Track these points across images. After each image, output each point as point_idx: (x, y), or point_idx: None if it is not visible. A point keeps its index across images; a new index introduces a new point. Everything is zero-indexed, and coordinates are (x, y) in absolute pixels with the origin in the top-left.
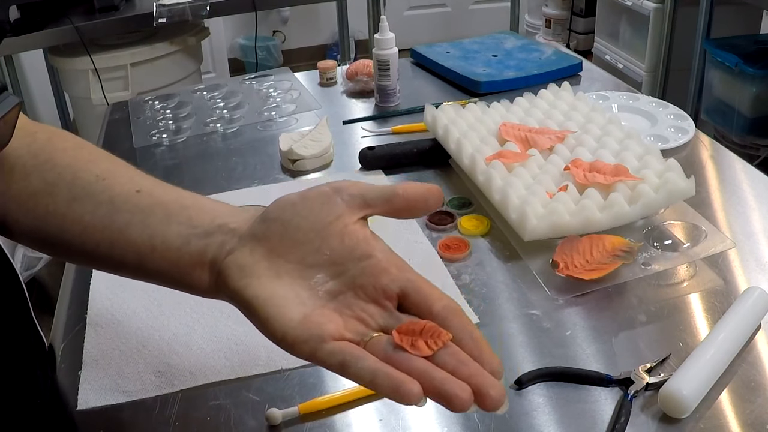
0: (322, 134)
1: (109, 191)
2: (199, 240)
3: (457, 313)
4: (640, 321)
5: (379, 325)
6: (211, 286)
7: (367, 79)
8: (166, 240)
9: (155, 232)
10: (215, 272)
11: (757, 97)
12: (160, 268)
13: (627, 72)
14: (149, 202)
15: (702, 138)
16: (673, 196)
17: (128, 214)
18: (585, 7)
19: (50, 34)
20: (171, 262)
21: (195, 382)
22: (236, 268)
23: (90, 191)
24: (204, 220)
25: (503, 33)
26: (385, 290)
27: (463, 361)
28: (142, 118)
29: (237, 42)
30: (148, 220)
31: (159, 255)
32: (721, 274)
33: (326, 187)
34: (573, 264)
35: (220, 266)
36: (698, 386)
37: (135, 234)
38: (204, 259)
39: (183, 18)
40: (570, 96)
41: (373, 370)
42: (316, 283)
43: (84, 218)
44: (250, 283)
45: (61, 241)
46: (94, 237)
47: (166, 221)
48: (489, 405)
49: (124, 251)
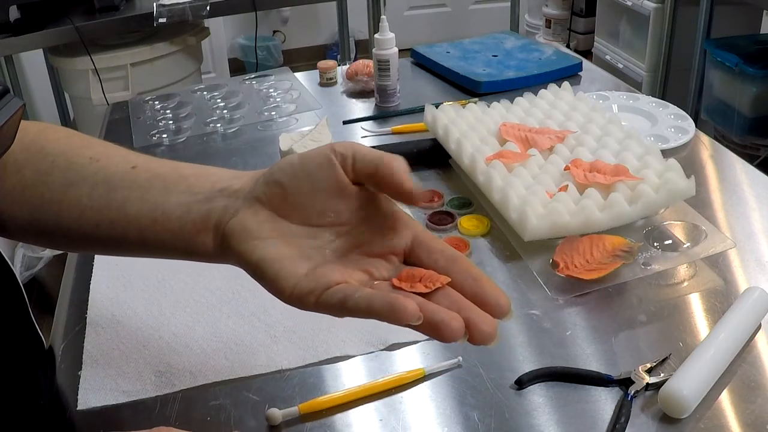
0: (322, 134)
1: (104, 171)
2: (201, 206)
3: (459, 260)
4: (640, 321)
5: (383, 277)
6: (216, 250)
7: (367, 79)
8: (166, 211)
9: (155, 204)
10: (219, 236)
11: (757, 97)
12: (164, 240)
13: (627, 72)
14: (146, 177)
15: (702, 138)
16: (673, 196)
17: (126, 190)
18: (585, 7)
19: (50, 34)
20: (174, 232)
21: (195, 382)
22: (241, 231)
23: (85, 174)
24: (204, 186)
25: (503, 33)
26: (391, 247)
27: (457, 301)
28: (142, 118)
29: (237, 42)
30: (147, 194)
31: (161, 226)
32: (721, 274)
33: (326, 149)
34: (573, 264)
35: (224, 229)
36: (698, 386)
37: (135, 209)
38: (208, 224)
39: (183, 18)
40: (570, 96)
41: (370, 295)
42: (323, 242)
43: (81, 201)
44: (257, 246)
45: (59, 229)
46: (92, 218)
47: (166, 192)
48: (478, 338)
49: (125, 228)
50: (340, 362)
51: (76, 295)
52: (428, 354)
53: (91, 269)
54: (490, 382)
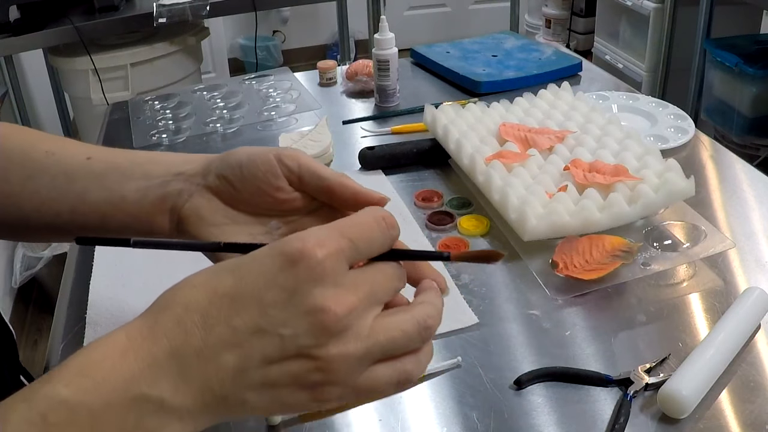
0: (322, 134)
1: (62, 164)
2: (157, 189)
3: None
4: (640, 321)
5: None
6: (172, 230)
7: (367, 79)
8: (125, 196)
9: (114, 191)
10: (175, 217)
11: (757, 97)
12: (123, 223)
13: (627, 72)
14: (103, 167)
15: (702, 138)
16: (672, 196)
17: (84, 180)
18: (585, 7)
19: (50, 34)
20: (133, 215)
21: None
22: (196, 217)
23: (42, 167)
24: (159, 171)
25: (503, 33)
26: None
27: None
28: (142, 118)
29: (237, 42)
30: (105, 182)
31: (121, 211)
32: (721, 274)
33: (272, 157)
34: (572, 264)
35: (180, 212)
36: (698, 386)
37: (94, 197)
38: (164, 207)
39: (183, 18)
40: (570, 96)
41: None
42: (271, 227)
43: (41, 192)
44: (212, 232)
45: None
46: (53, 208)
47: (123, 179)
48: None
49: (85, 215)
50: None
51: (76, 295)
52: None
53: (90, 269)
54: (489, 382)
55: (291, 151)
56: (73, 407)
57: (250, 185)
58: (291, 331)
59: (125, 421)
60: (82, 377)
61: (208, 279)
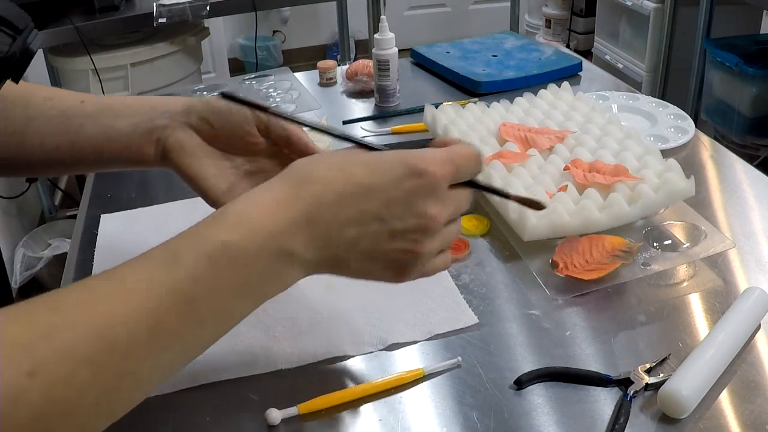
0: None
1: (59, 107)
2: (145, 124)
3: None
4: (640, 321)
5: None
6: (157, 159)
7: (367, 79)
8: (118, 130)
9: (107, 127)
10: (161, 148)
11: (757, 97)
12: (116, 154)
13: (627, 72)
14: (95, 108)
15: (702, 138)
16: (672, 196)
17: (80, 119)
18: (585, 7)
19: (50, 34)
20: (124, 146)
21: (195, 382)
22: (179, 148)
23: (42, 110)
24: (146, 109)
25: (503, 33)
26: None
27: None
28: None
29: (237, 42)
30: (99, 120)
31: (114, 143)
32: (721, 274)
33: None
34: (572, 264)
35: (165, 143)
36: (698, 386)
37: (90, 132)
38: (151, 138)
39: (183, 18)
40: (570, 96)
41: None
42: (237, 164)
43: (41, 130)
44: (192, 163)
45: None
46: (53, 143)
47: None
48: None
49: (83, 147)
50: (340, 362)
51: None
52: (427, 354)
53: (90, 269)
54: (489, 382)
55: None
56: (233, 251)
57: (227, 128)
58: (402, 225)
59: (268, 267)
60: (242, 227)
61: (343, 165)
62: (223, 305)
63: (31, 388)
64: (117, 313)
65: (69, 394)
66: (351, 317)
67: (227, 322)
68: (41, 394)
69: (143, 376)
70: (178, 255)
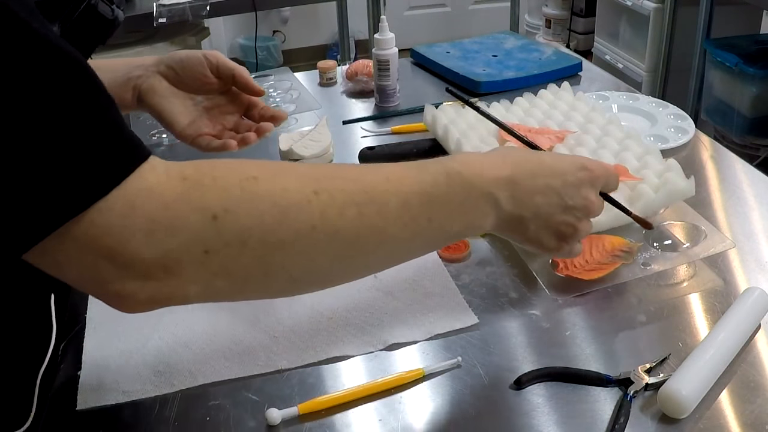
0: (322, 134)
1: None
2: (124, 75)
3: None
4: (640, 321)
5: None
6: (133, 102)
7: (367, 79)
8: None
9: None
10: (137, 92)
11: (757, 97)
12: None
13: (627, 72)
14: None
15: (702, 138)
16: (672, 196)
17: None
18: (585, 7)
19: None
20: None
21: (194, 382)
22: (151, 90)
23: None
24: (122, 65)
25: (503, 33)
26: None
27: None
28: (142, 118)
29: (237, 42)
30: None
31: None
32: (721, 274)
33: (200, 55)
34: (573, 264)
35: (140, 88)
36: (698, 386)
37: None
38: (129, 85)
39: (183, 18)
40: (570, 96)
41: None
42: (198, 102)
43: None
44: (162, 102)
45: None
46: None
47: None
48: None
49: None
50: (340, 362)
51: (76, 295)
52: (427, 354)
53: None
54: (489, 382)
55: (212, 51)
56: (463, 178)
57: (188, 73)
58: (572, 203)
59: (480, 202)
60: (470, 166)
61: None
62: (445, 215)
63: (314, 201)
64: (378, 182)
65: (338, 220)
66: (351, 317)
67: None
68: (319, 211)
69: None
70: (426, 166)
